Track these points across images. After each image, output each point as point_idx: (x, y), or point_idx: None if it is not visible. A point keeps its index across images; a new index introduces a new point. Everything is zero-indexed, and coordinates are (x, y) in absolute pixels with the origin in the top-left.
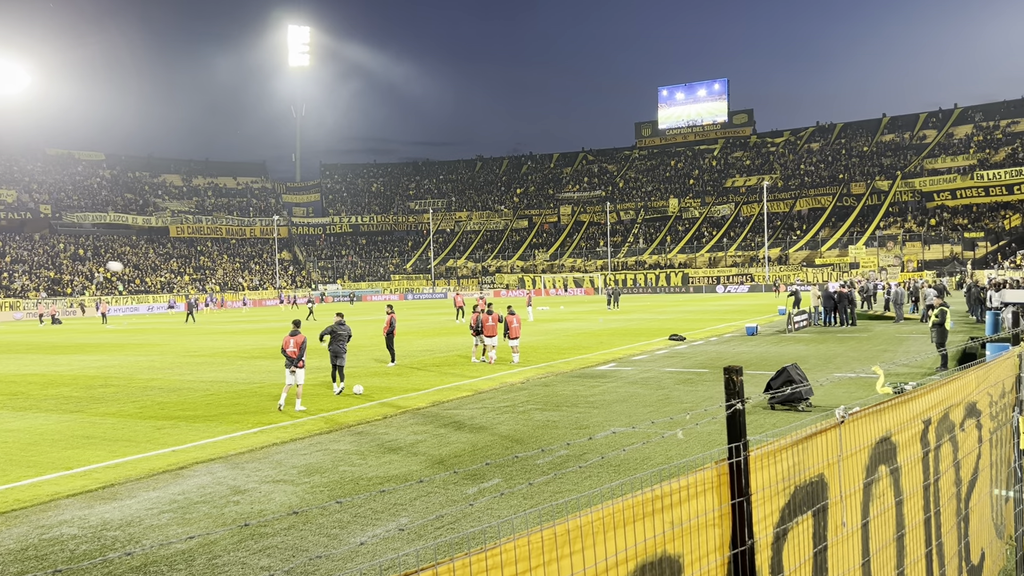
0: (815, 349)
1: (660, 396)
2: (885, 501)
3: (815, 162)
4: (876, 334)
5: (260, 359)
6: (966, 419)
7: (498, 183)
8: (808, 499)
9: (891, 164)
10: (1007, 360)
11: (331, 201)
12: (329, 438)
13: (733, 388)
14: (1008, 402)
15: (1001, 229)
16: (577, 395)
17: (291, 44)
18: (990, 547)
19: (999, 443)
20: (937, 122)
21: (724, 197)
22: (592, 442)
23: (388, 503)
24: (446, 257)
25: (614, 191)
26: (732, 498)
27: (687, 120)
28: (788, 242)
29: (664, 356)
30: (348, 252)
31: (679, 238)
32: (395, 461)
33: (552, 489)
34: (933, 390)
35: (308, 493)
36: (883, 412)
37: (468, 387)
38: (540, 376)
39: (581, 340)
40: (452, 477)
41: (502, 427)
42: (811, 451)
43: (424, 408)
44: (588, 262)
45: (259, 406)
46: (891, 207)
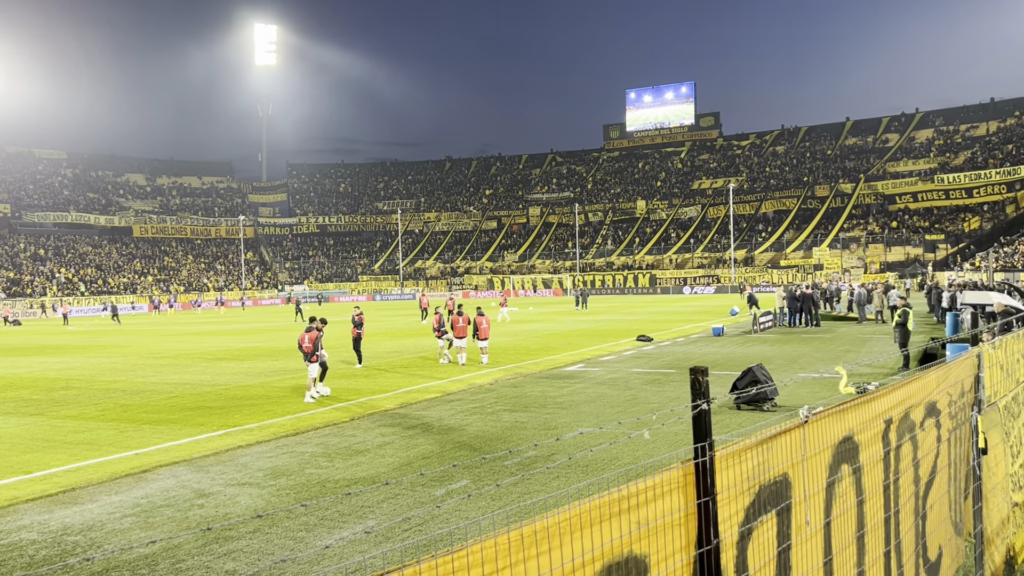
0: (780, 350)
1: (628, 397)
2: (847, 500)
3: (780, 165)
4: (840, 335)
5: (225, 361)
6: (926, 418)
7: (467, 184)
8: (772, 498)
9: (854, 167)
10: (966, 360)
11: (298, 201)
12: (295, 440)
13: (699, 389)
14: (967, 401)
15: (961, 232)
16: (546, 396)
17: (258, 43)
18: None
19: (958, 442)
20: (899, 126)
21: (691, 199)
22: (560, 443)
23: (355, 505)
24: (415, 258)
25: (583, 192)
26: (698, 498)
27: (655, 122)
28: (754, 244)
29: (632, 357)
30: (315, 253)
31: (647, 240)
32: (362, 463)
33: (520, 490)
34: (894, 390)
35: (274, 496)
36: (846, 412)
37: (436, 388)
38: (509, 377)
39: (550, 341)
40: (420, 479)
41: (471, 428)
42: (775, 451)
43: (392, 410)
44: (557, 263)
45: (224, 408)
46: (854, 209)
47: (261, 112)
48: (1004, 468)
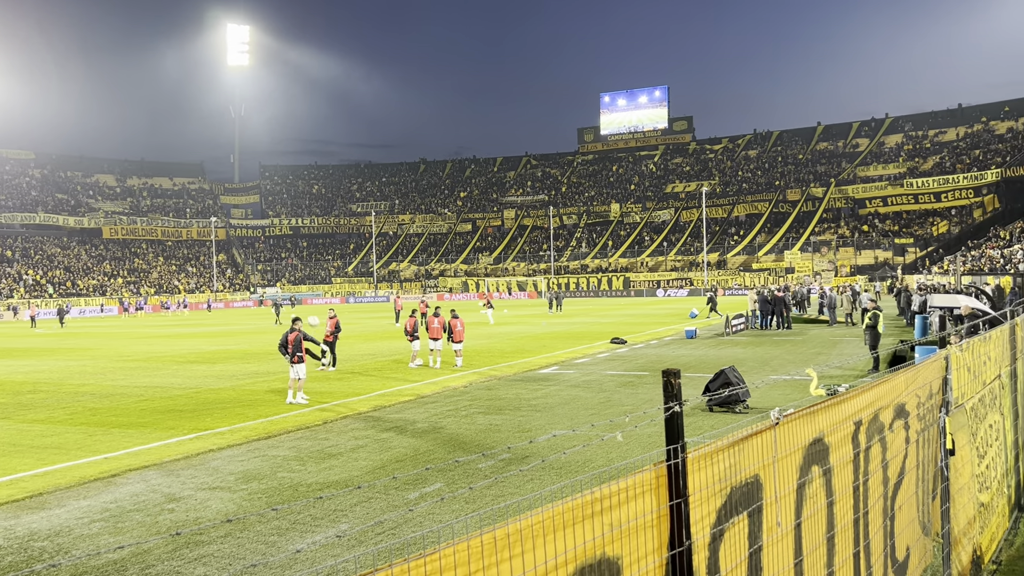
0: (752, 352)
1: (602, 399)
2: (817, 501)
3: (752, 169)
4: (811, 337)
5: (196, 363)
6: (895, 420)
7: (441, 186)
8: (744, 500)
9: (825, 171)
10: (934, 363)
11: (271, 203)
12: (267, 444)
13: (671, 391)
14: (935, 403)
15: (930, 235)
16: (520, 398)
17: (230, 43)
18: (916, 545)
19: (926, 443)
20: (869, 131)
21: (664, 202)
22: (534, 445)
23: (328, 509)
24: (388, 260)
25: (557, 195)
26: (670, 500)
27: (629, 126)
28: (726, 247)
29: (606, 359)
30: (288, 255)
31: (621, 243)
32: (335, 467)
33: (494, 493)
34: (864, 392)
35: (246, 500)
36: (816, 414)
37: (410, 391)
38: (483, 380)
39: (524, 343)
40: (393, 482)
41: (445, 431)
42: (747, 452)
43: (366, 413)
44: (532, 266)
45: (195, 411)
46: (825, 213)
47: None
48: (970, 469)
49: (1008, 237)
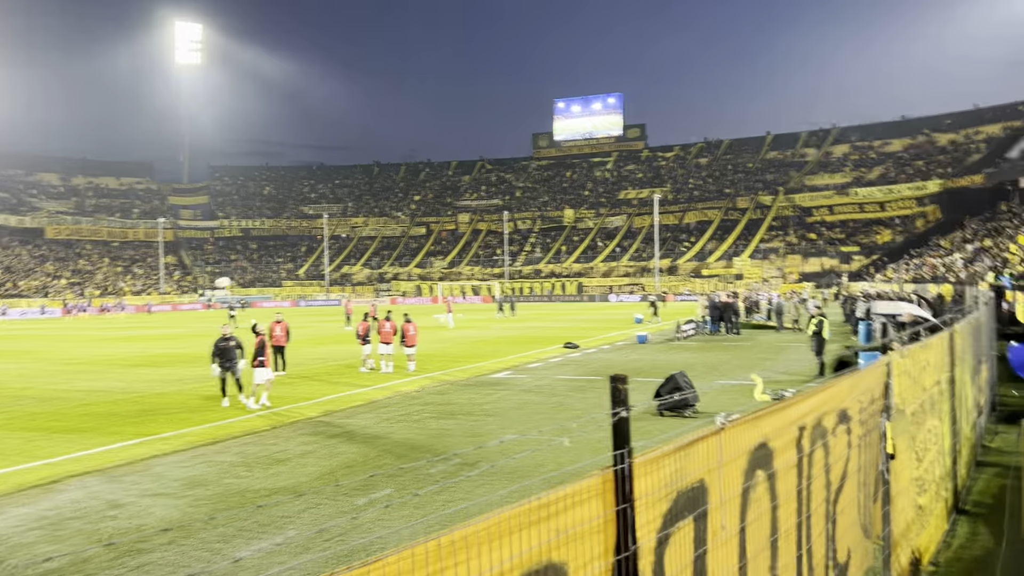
0: (702, 357)
1: (554, 403)
2: (761, 505)
3: (703, 176)
4: (759, 343)
5: (142, 367)
6: (838, 425)
7: (395, 189)
8: (690, 504)
9: (774, 180)
10: (877, 368)
11: (220, 204)
12: (213, 449)
13: (619, 396)
14: (877, 408)
15: (874, 244)
16: (472, 403)
17: (180, 41)
18: (857, 548)
19: (867, 448)
20: (817, 141)
21: (617, 209)
22: (485, 450)
23: (274, 516)
24: (341, 263)
25: (512, 200)
26: (616, 504)
27: (583, 133)
28: (677, 253)
29: (558, 364)
30: (238, 257)
31: (574, 248)
32: (283, 473)
33: (444, 498)
34: (808, 397)
35: (190, 507)
36: (761, 419)
37: (361, 396)
38: (436, 385)
39: (477, 348)
40: (341, 488)
41: (395, 437)
42: (693, 457)
43: (315, 418)
44: (486, 270)
45: (139, 416)
46: (774, 221)
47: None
48: (910, 472)
49: (949, 246)
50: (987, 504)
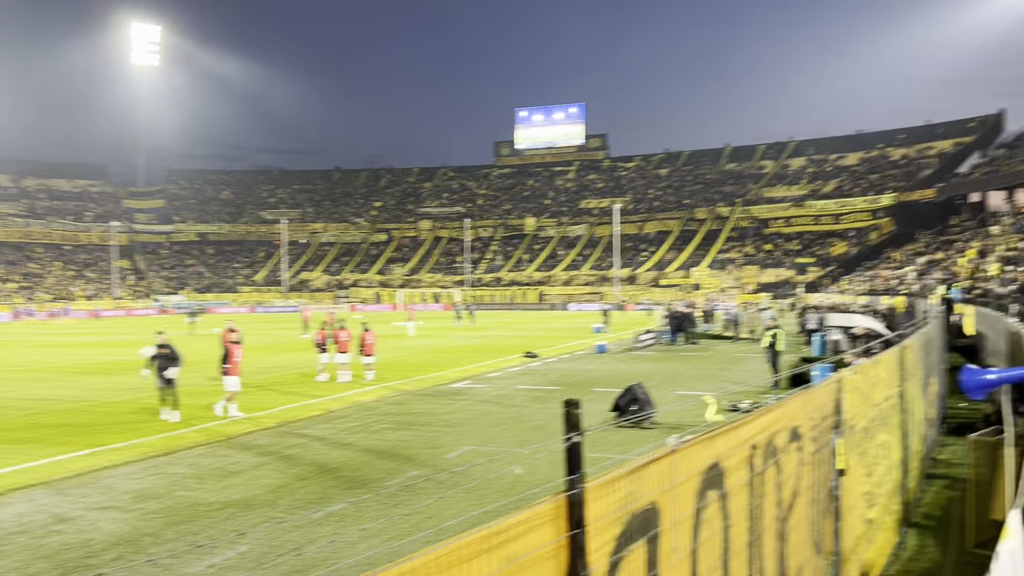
0: (660, 367)
1: (513, 414)
2: (713, 526)
3: (663, 187)
4: (716, 353)
5: (93, 375)
6: (789, 443)
7: (356, 195)
8: (642, 527)
9: (732, 191)
10: (829, 386)
11: (177, 208)
12: (165, 461)
13: (572, 421)
14: (828, 425)
15: (829, 256)
16: (431, 413)
17: (138, 42)
18: (808, 565)
19: (819, 464)
20: (774, 153)
21: (579, 218)
22: (443, 462)
23: (227, 529)
24: (300, 269)
25: (473, 208)
26: (569, 530)
27: (545, 141)
28: (637, 263)
29: (518, 373)
30: (194, 262)
31: (535, 256)
32: (237, 485)
33: (401, 511)
34: (760, 416)
35: (140, 521)
36: (714, 439)
37: (318, 406)
38: (394, 394)
39: (437, 357)
40: (297, 501)
41: (352, 448)
42: (646, 480)
43: (270, 429)
44: (447, 277)
45: (89, 426)
46: (732, 232)
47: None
48: (860, 487)
49: (901, 259)
50: (936, 516)
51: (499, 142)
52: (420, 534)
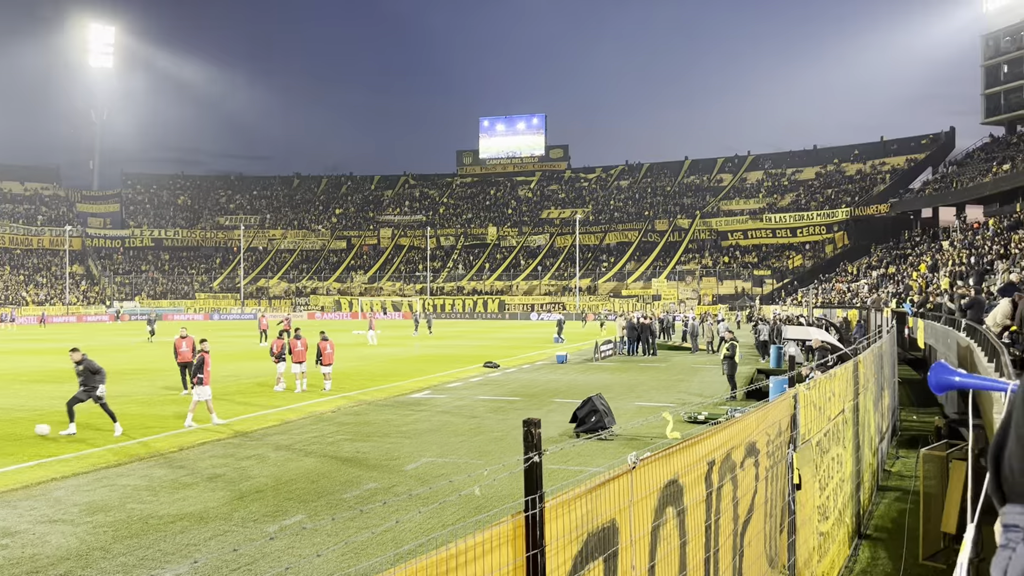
0: (619, 378)
1: (472, 425)
2: (671, 543)
3: (624, 199)
4: (674, 364)
5: (42, 383)
6: (746, 458)
7: (316, 202)
8: (600, 545)
9: (691, 204)
10: (784, 402)
11: (132, 212)
12: (116, 472)
13: (531, 441)
14: (784, 440)
15: (786, 268)
16: (389, 424)
17: (94, 43)
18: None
19: (775, 479)
20: (733, 167)
21: (540, 228)
22: (401, 474)
23: (180, 543)
24: (257, 276)
25: (435, 216)
26: (527, 550)
27: (507, 151)
28: (597, 273)
29: (478, 384)
30: (149, 268)
31: (497, 266)
32: (190, 497)
33: (358, 524)
34: (717, 432)
35: (90, 534)
36: (672, 456)
37: (274, 416)
38: (352, 405)
39: (397, 366)
40: (251, 514)
41: (308, 460)
42: (604, 498)
43: (225, 439)
44: (407, 286)
45: (37, 436)
46: (690, 244)
47: (95, 117)
48: (814, 501)
49: (855, 272)
50: (888, 528)
51: (462, 151)
52: (377, 550)
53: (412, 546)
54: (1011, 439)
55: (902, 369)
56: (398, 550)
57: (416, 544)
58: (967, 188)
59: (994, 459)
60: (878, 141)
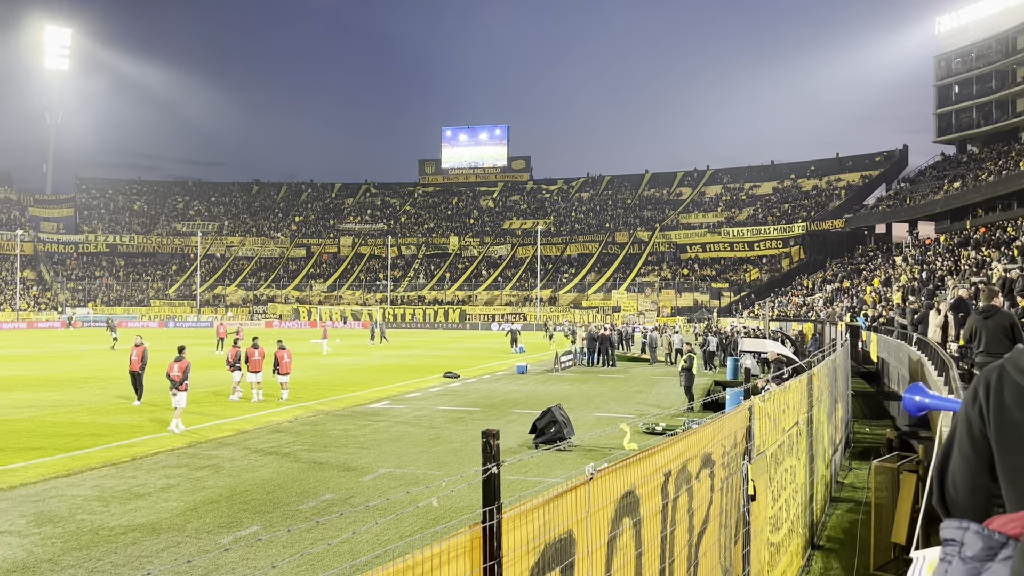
0: (578, 389)
1: (431, 435)
2: (627, 554)
3: (585, 210)
4: (633, 375)
5: None
6: (702, 469)
7: (275, 209)
8: (557, 556)
9: (651, 217)
10: (739, 413)
11: (86, 217)
12: (67, 482)
13: (489, 452)
14: (739, 451)
15: (743, 281)
16: (347, 435)
17: (49, 45)
18: None
19: (730, 490)
20: (692, 181)
21: (502, 238)
22: (359, 485)
23: (131, 555)
24: (215, 283)
25: (396, 225)
26: (484, 562)
27: (469, 162)
28: (559, 284)
29: (438, 394)
30: (103, 274)
31: (458, 275)
32: (142, 508)
33: (314, 536)
34: (674, 443)
35: (38, 546)
36: (629, 467)
37: (230, 426)
38: (309, 415)
39: (356, 376)
40: (205, 525)
41: (265, 470)
42: (562, 509)
43: (179, 449)
44: (367, 295)
45: None
46: (650, 256)
47: (49, 120)
48: (767, 512)
49: (811, 286)
50: (840, 539)
51: (424, 160)
52: (334, 561)
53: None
54: (954, 456)
55: (855, 382)
56: (354, 562)
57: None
58: (919, 205)
59: (938, 475)
60: (834, 158)
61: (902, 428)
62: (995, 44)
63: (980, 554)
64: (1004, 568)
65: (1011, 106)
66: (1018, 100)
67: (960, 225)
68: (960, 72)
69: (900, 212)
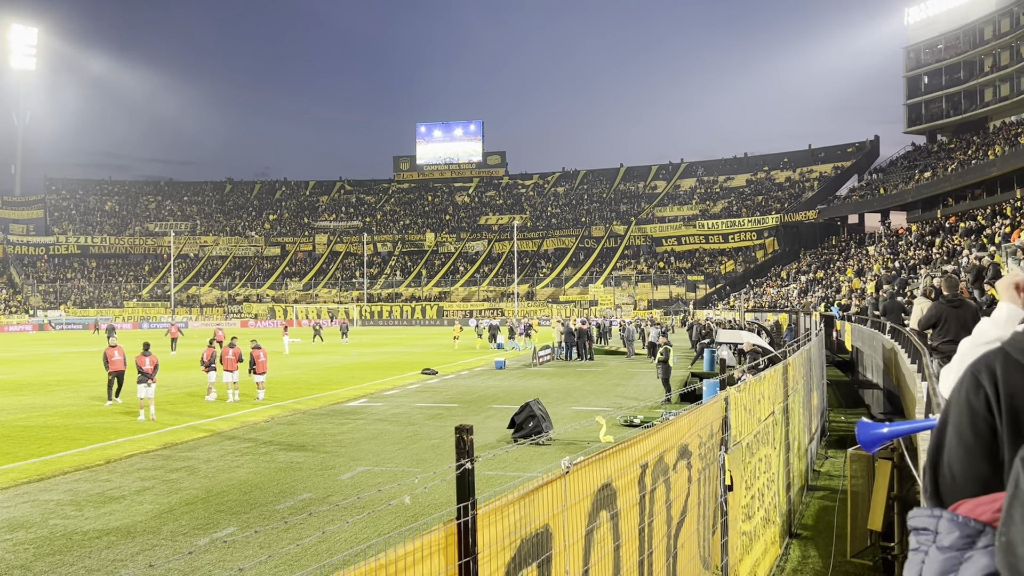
0: (557, 383)
1: (409, 433)
2: (605, 546)
3: (561, 205)
4: (611, 369)
5: None
6: (679, 461)
7: (249, 208)
8: (534, 551)
9: (627, 210)
10: (715, 404)
11: (57, 219)
12: (39, 487)
13: (463, 448)
14: (716, 442)
15: (718, 273)
16: (325, 434)
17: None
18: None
19: (707, 481)
20: (666, 174)
21: (478, 234)
22: (336, 484)
23: (105, 560)
24: (188, 284)
25: (372, 222)
26: (459, 559)
27: (444, 157)
28: (536, 279)
29: (416, 391)
30: (75, 275)
31: (435, 272)
32: (117, 512)
33: (292, 536)
34: (650, 435)
35: (9, 552)
36: (606, 459)
37: (205, 427)
38: (286, 414)
39: (333, 374)
40: (181, 527)
41: (241, 471)
42: (538, 503)
43: (154, 451)
44: (344, 293)
45: None
46: (626, 250)
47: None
48: (743, 501)
49: (786, 277)
50: (817, 527)
51: (399, 157)
52: (311, 560)
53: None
54: (949, 441)
55: (830, 371)
56: (330, 560)
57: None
58: (891, 195)
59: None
60: (806, 149)
61: (877, 416)
62: (963, 35)
63: (957, 543)
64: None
65: (979, 96)
66: (986, 90)
67: (931, 214)
68: (929, 63)
69: (872, 202)
